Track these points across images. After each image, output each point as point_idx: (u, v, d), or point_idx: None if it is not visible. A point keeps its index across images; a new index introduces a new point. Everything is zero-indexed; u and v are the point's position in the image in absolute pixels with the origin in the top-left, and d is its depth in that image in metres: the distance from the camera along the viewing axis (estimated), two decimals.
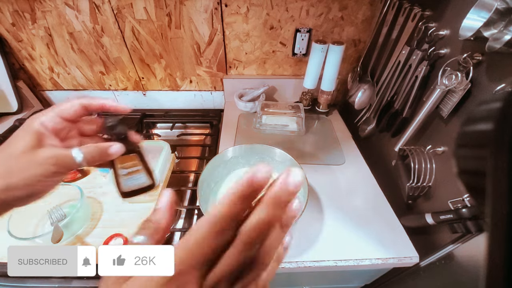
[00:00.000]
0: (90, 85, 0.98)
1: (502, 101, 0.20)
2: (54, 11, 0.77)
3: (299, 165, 0.58)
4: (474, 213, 0.43)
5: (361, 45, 0.88)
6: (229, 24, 0.82)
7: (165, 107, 1.05)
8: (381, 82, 0.69)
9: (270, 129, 0.88)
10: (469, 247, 0.47)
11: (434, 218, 0.49)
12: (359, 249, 0.56)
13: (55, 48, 0.86)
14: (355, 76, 0.85)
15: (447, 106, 0.48)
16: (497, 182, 0.17)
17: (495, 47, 0.36)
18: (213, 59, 0.91)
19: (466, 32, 0.40)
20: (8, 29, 0.81)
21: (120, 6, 0.77)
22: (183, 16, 0.79)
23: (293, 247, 0.56)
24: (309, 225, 0.60)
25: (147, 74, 0.95)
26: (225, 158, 0.64)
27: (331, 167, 0.75)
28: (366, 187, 0.70)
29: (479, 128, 0.23)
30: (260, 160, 0.67)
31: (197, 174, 0.76)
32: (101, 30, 0.82)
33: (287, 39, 0.86)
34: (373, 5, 0.78)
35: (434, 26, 0.53)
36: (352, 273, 0.69)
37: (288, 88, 0.98)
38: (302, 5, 0.78)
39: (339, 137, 0.87)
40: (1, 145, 0.26)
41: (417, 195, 0.56)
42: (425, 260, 0.56)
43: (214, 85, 1.00)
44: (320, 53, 0.80)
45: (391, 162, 0.65)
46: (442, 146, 0.52)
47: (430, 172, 0.53)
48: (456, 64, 0.46)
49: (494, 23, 0.37)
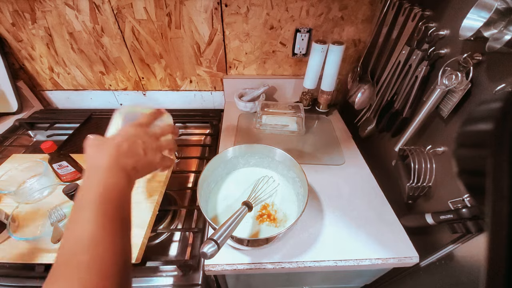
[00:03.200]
0: (90, 85, 0.98)
1: (502, 101, 0.20)
2: (54, 11, 0.77)
3: (299, 165, 0.58)
4: (474, 213, 0.43)
5: (361, 45, 0.88)
6: (229, 24, 0.82)
7: (165, 107, 1.04)
8: (381, 82, 0.69)
9: (270, 129, 0.88)
10: (469, 247, 0.47)
11: (434, 218, 0.49)
12: (359, 249, 0.56)
13: (55, 48, 0.86)
14: (355, 76, 0.85)
15: (447, 106, 0.48)
16: (497, 182, 0.17)
17: (495, 47, 0.36)
18: (213, 59, 0.91)
19: (466, 32, 0.40)
20: (8, 29, 0.81)
21: (120, 6, 0.77)
22: (183, 16, 0.79)
23: (293, 247, 0.56)
24: (309, 225, 0.60)
25: (147, 74, 0.95)
26: (225, 158, 0.64)
27: (331, 167, 0.75)
28: (366, 187, 0.70)
29: (479, 128, 0.23)
30: (260, 160, 0.68)
31: (197, 174, 0.76)
32: (101, 30, 0.82)
33: (287, 39, 0.86)
34: (373, 5, 0.78)
35: (434, 26, 0.53)
36: (352, 273, 0.69)
37: (288, 88, 0.98)
38: (302, 5, 0.78)
39: (339, 137, 0.87)
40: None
41: (417, 195, 0.56)
42: (425, 260, 0.56)
43: (214, 85, 1.00)
44: (320, 53, 0.80)
45: (391, 162, 0.65)
46: (442, 146, 0.52)
47: (430, 172, 0.53)
48: (456, 64, 0.46)
49: (494, 23, 0.37)
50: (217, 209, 0.59)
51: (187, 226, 0.64)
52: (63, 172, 0.64)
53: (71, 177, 0.66)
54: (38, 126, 0.94)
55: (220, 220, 0.57)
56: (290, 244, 0.56)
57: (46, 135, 0.90)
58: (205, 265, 0.53)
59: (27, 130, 0.93)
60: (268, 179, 0.65)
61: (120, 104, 1.03)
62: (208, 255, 0.39)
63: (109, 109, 1.02)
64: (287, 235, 0.57)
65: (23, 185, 0.64)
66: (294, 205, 0.61)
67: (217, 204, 0.61)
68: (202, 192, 0.54)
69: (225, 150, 0.62)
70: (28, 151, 0.84)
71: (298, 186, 0.60)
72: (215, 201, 0.61)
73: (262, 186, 0.62)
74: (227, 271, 0.54)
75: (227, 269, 0.53)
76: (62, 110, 1.04)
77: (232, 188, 0.64)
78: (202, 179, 0.55)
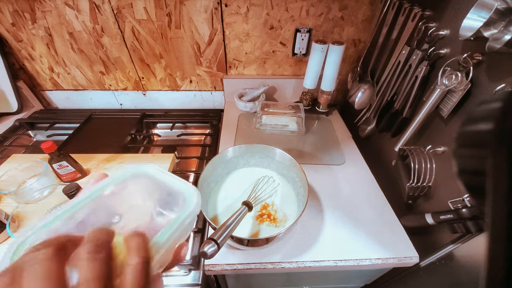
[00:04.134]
0: (90, 85, 0.98)
1: (502, 101, 0.20)
2: (54, 11, 0.77)
3: (299, 165, 0.58)
4: (474, 213, 0.43)
5: (361, 45, 0.88)
6: (229, 24, 0.82)
7: (165, 107, 1.05)
8: (381, 82, 0.69)
9: (270, 129, 0.88)
10: (469, 247, 0.47)
11: (434, 218, 0.49)
12: (359, 249, 0.56)
13: (55, 48, 0.86)
14: (355, 76, 0.85)
15: (447, 106, 0.48)
16: (497, 182, 0.17)
17: (495, 47, 0.36)
18: (213, 59, 0.91)
19: (466, 32, 0.40)
20: (8, 29, 0.81)
21: (120, 6, 0.77)
22: (183, 16, 0.79)
23: (293, 247, 0.56)
24: (309, 225, 0.60)
25: (147, 74, 0.95)
26: (225, 158, 0.64)
27: (331, 167, 0.75)
28: (366, 187, 0.70)
29: (479, 128, 0.23)
30: (260, 160, 0.68)
31: (197, 174, 0.76)
32: (101, 30, 0.82)
33: (287, 39, 0.86)
34: (373, 5, 0.78)
35: (434, 26, 0.53)
36: (352, 273, 0.69)
37: (288, 88, 0.98)
38: (302, 5, 0.78)
39: (339, 137, 0.87)
40: None
41: (417, 195, 0.56)
42: (425, 260, 0.56)
43: (214, 85, 1.00)
44: (320, 53, 0.80)
45: (391, 162, 0.65)
46: (442, 146, 0.52)
47: (430, 172, 0.53)
48: (456, 64, 0.46)
49: (494, 23, 0.37)
50: (217, 209, 0.59)
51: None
52: (63, 172, 0.64)
53: (71, 177, 0.66)
54: (38, 126, 0.94)
55: (220, 220, 0.57)
56: (290, 244, 0.56)
57: (46, 135, 0.90)
58: (205, 265, 0.53)
59: (27, 130, 0.93)
60: (268, 179, 0.65)
61: (120, 104, 1.03)
62: (208, 255, 0.39)
63: (109, 109, 1.03)
64: (287, 235, 0.57)
65: (23, 185, 0.64)
66: (294, 205, 0.61)
67: (217, 204, 0.61)
68: (202, 192, 0.54)
69: (225, 150, 0.62)
70: (28, 151, 0.84)
71: (298, 186, 0.60)
72: (215, 201, 0.61)
73: (262, 186, 0.62)
74: (227, 271, 0.54)
75: (227, 269, 0.53)
76: (62, 110, 1.04)
77: (232, 188, 0.64)
78: (202, 179, 0.55)
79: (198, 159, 0.83)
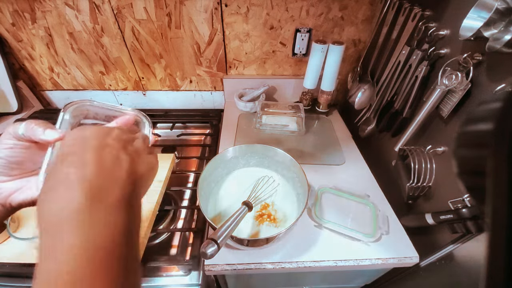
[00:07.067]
0: (90, 85, 0.98)
1: (502, 101, 0.20)
2: (54, 11, 0.77)
3: (299, 165, 0.58)
4: (474, 213, 0.43)
5: (361, 45, 0.88)
6: (229, 24, 0.82)
7: (165, 107, 1.05)
8: (381, 82, 0.69)
9: (270, 129, 0.88)
10: (469, 247, 0.47)
11: (434, 218, 0.49)
12: (359, 249, 0.56)
13: (55, 48, 0.86)
14: (355, 76, 0.85)
15: (447, 106, 0.48)
16: (497, 182, 0.17)
17: (495, 47, 0.36)
18: (213, 59, 0.91)
19: (466, 32, 0.40)
20: (8, 29, 0.81)
21: (120, 6, 0.77)
22: (183, 16, 0.79)
23: (293, 247, 0.56)
24: (309, 225, 0.60)
25: (147, 74, 0.95)
26: (225, 158, 0.64)
27: (331, 167, 0.75)
28: (366, 187, 0.70)
29: (479, 128, 0.23)
30: (260, 160, 0.68)
31: (197, 174, 0.76)
32: (101, 30, 0.82)
33: (287, 39, 0.86)
34: (373, 5, 0.78)
35: (434, 26, 0.53)
36: (352, 273, 0.69)
37: (288, 88, 0.98)
38: (302, 5, 0.78)
39: (339, 137, 0.87)
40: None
41: (417, 195, 0.57)
42: (425, 260, 0.56)
43: (214, 85, 1.00)
44: (320, 53, 0.80)
45: (391, 162, 0.65)
46: (442, 146, 0.52)
47: (430, 172, 0.53)
48: (456, 64, 0.46)
49: (494, 23, 0.37)
50: (217, 209, 0.59)
51: (187, 226, 0.64)
52: None
53: None
54: None
55: (220, 220, 0.57)
56: (290, 244, 0.56)
57: None
58: (205, 265, 0.53)
59: None
60: (268, 179, 0.65)
61: (120, 104, 1.03)
62: (208, 255, 0.39)
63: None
64: (287, 235, 0.57)
65: None
66: (294, 205, 0.61)
67: (217, 204, 0.61)
68: (202, 192, 0.54)
69: (225, 150, 0.62)
70: None
71: (298, 186, 0.60)
72: (215, 201, 0.61)
73: (262, 186, 0.62)
74: (227, 271, 0.54)
75: (227, 269, 0.53)
76: None
77: (232, 188, 0.64)
78: (202, 179, 0.55)
79: (198, 159, 0.83)
